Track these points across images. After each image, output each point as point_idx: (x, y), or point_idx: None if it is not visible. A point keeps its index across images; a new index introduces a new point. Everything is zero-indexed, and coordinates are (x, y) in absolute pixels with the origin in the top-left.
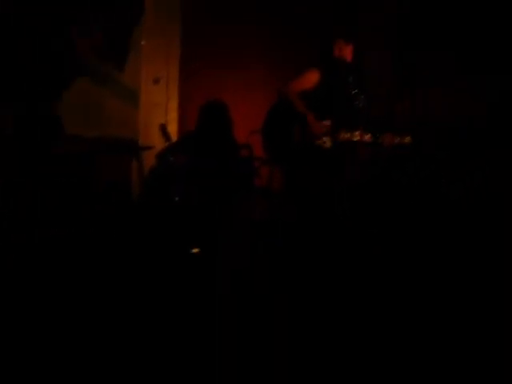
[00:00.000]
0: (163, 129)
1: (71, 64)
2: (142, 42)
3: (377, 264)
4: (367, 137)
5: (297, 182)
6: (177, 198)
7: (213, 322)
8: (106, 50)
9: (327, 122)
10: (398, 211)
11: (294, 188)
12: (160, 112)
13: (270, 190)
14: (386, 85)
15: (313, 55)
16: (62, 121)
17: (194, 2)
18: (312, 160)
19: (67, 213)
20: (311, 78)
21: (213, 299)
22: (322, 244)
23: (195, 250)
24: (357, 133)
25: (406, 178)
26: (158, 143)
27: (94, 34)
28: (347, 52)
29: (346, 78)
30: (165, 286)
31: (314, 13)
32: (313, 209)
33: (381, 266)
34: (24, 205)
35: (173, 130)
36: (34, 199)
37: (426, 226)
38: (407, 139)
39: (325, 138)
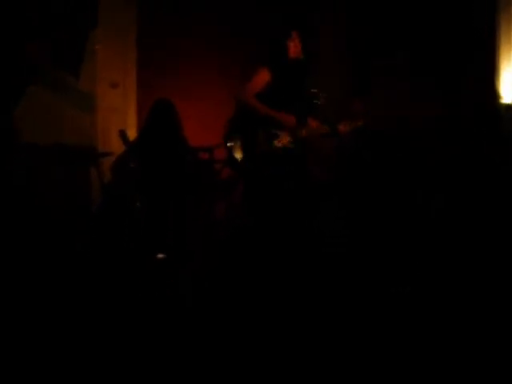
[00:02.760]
0: (123, 134)
1: (25, 71)
2: (97, 46)
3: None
4: (325, 128)
5: (262, 189)
6: (138, 204)
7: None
8: (60, 56)
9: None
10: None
11: (257, 194)
12: (119, 117)
13: (231, 191)
14: (341, 84)
15: (263, 55)
16: (17, 130)
17: (152, 5)
18: (278, 165)
19: (26, 223)
20: (263, 78)
21: (178, 303)
22: (283, 250)
23: (161, 256)
24: (314, 126)
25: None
26: (118, 149)
27: (47, 41)
28: (299, 50)
29: (303, 76)
30: (132, 291)
31: (265, 13)
32: (275, 215)
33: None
34: None
35: (132, 135)
36: None
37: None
38: (360, 122)
39: (288, 138)
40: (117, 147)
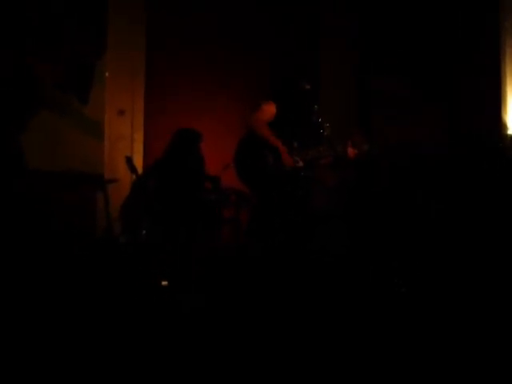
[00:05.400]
0: (129, 161)
1: (33, 97)
2: (106, 74)
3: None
4: (331, 151)
5: (267, 211)
6: (144, 231)
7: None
8: (68, 83)
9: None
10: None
11: (263, 219)
12: (125, 144)
13: (238, 221)
14: (345, 112)
15: (274, 85)
16: (24, 155)
17: (159, 33)
18: (285, 182)
19: (31, 250)
20: (271, 111)
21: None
22: (286, 279)
23: (164, 283)
24: (321, 148)
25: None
26: (124, 176)
27: (55, 66)
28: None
29: (311, 106)
30: (133, 318)
31: (275, 43)
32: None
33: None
34: None
35: (138, 162)
36: None
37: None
38: (365, 147)
39: (296, 158)
40: (123, 174)
